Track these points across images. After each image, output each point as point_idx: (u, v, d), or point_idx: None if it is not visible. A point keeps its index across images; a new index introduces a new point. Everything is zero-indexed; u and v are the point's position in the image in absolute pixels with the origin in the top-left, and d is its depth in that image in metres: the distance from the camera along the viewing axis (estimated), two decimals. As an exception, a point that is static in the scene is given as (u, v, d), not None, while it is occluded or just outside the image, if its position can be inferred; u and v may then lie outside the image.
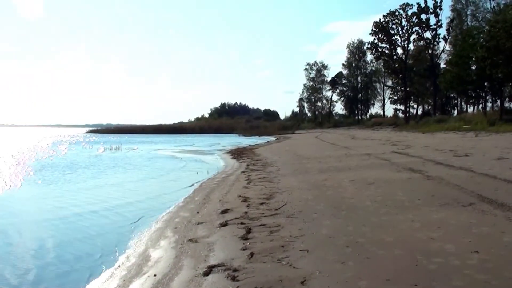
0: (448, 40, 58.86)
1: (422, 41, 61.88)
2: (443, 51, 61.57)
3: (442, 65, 61.10)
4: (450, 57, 53.55)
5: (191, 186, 13.63)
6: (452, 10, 58.78)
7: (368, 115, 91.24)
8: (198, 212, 8.75)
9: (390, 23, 61.82)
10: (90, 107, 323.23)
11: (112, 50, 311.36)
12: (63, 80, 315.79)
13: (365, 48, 78.07)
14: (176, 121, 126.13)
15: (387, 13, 61.89)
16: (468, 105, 58.55)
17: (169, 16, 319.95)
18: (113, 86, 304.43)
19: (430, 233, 5.80)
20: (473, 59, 41.92)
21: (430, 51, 60.83)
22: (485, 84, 43.07)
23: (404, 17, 61.00)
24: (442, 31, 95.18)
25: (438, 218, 6.61)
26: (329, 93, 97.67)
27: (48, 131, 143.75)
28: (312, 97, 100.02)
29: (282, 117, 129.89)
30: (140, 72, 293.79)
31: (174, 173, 18.47)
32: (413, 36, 61.72)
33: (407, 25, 61.18)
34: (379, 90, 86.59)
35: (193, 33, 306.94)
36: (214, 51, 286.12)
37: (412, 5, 60.39)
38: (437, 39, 59.83)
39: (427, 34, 60.32)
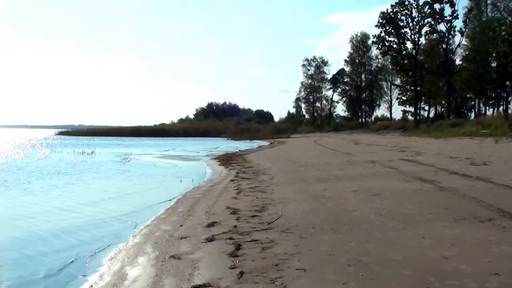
0: (465, 33, 59.29)
1: (435, 35, 62.41)
2: (459, 45, 62.17)
3: (458, 62, 61.68)
4: (467, 53, 53.97)
5: (173, 196, 13.65)
6: (470, -1, 59.24)
7: (373, 118, 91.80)
8: (181, 225, 8.74)
9: (398, 14, 62.26)
10: (59, 106, 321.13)
11: (83, 42, 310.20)
12: (29, 76, 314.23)
13: (370, 42, 78.61)
14: (157, 123, 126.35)
15: (396, 3, 62.27)
16: (487, 107, 59.01)
17: (147, 3, 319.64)
18: (85, 83, 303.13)
19: (443, 251, 5.83)
20: (494, 54, 42.22)
21: (444, 46, 61.37)
22: (507, 83, 43.32)
23: (415, 7, 61.45)
24: (458, 23, 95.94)
25: (453, 234, 6.65)
26: (329, 93, 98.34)
27: (12, 132, 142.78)
28: (311, 96, 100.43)
29: (276, 119, 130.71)
30: (116, 68, 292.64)
31: (155, 181, 18.48)
32: (425, 29, 62.35)
33: (418, 16, 61.72)
34: (385, 89, 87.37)
35: (175, 23, 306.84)
36: (201, 44, 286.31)
37: (424, -7, 60.81)
38: (452, 32, 60.46)
39: (441, 27, 60.94)
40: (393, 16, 62.26)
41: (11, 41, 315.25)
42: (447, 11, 60.01)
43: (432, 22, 61.01)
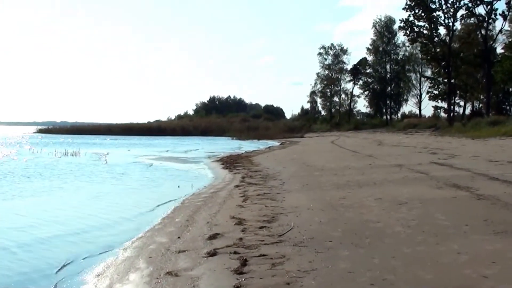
0: (508, 17, 58.74)
1: (472, 19, 61.84)
2: (500, 31, 61.52)
3: (499, 50, 61.23)
4: (510, 40, 53.61)
5: (169, 202, 13.74)
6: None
7: (399, 115, 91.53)
8: (179, 237, 8.78)
9: (430, -6, 61.85)
10: (39, 101, 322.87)
11: (65, 29, 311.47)
12: (3, 67, 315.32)
13: (396, 27, 78.30)
14: (152, 120, 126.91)
15: (427, -19, 61.86)
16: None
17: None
18: (69, 74, 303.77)
19: (482, 269, 5.80)
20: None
21: (483, 32, 60.86)
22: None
23: (450, -14, 60.98)
24: (500, 5, 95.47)
25: (493, 250, 6.62)
26: (349, 85, 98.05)
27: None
28: (328, 90, 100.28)
29: (288, 115, 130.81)
30: (104, 56, 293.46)
31: (149, 186, 18.61)
32: (461, 12, 61.73)
33: (453, -3, 61.21)
34: (414, 82, 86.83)
35: (172, 5, 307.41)
36: (201, 29, 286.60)
37: (460, -30, 60.25)
38: (493, 16, 59.75)
39: (480, 9, 60.22)
40: (423, -3, 61.86)
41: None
42: (488, -9, 59.22)
43: (470, 4, 60.34)
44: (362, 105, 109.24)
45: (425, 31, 62.96)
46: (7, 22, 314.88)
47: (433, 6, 61.67)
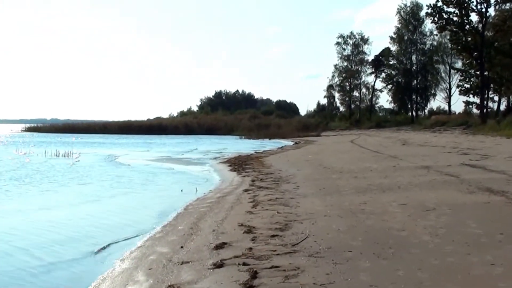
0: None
1: (508, 4, 61.52)
2: (539, 18, 61.14)
3: (538, 39, 60.66)
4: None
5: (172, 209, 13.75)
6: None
7: (426, 111, 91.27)
8: (182, 247, 8.80)
9: (461, -23, 61.54)
10: (27, 97, 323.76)
11: (56, 18, 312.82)
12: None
13: (423, 14, 77.97)
14: (152, 117, 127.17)
15: (457, -37, 61.54)
16: None
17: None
18: (59, 70, 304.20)
19: (518, 282, 5.78)
20: None
21: (519, 19, 60.53)
22: None
23: (482, -32, 60.66)
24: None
25: (530, 261, 6.60)
26: (370, 78, 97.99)
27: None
28: (347, 83, 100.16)
29: (302, 112, 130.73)
30: (98, 48, 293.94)
31: (149, 190, 18.69)
32: (495, -3, 61.43)
33: (486, -19, 60.87)
34: (443, 74, 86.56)
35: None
36: (205, 15, 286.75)
37: (494, -50, 59.84)
38: (531, 1, 59.43)
39: (517, -7, 59.91)
40: (454, -20, 61.55)
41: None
42: (524, -27, 58.82)
43: (505, -12, 60.20)
44: (384, 100, 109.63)
45: (455, 18, 62.48)
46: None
47: (464, -10, 61.35)
